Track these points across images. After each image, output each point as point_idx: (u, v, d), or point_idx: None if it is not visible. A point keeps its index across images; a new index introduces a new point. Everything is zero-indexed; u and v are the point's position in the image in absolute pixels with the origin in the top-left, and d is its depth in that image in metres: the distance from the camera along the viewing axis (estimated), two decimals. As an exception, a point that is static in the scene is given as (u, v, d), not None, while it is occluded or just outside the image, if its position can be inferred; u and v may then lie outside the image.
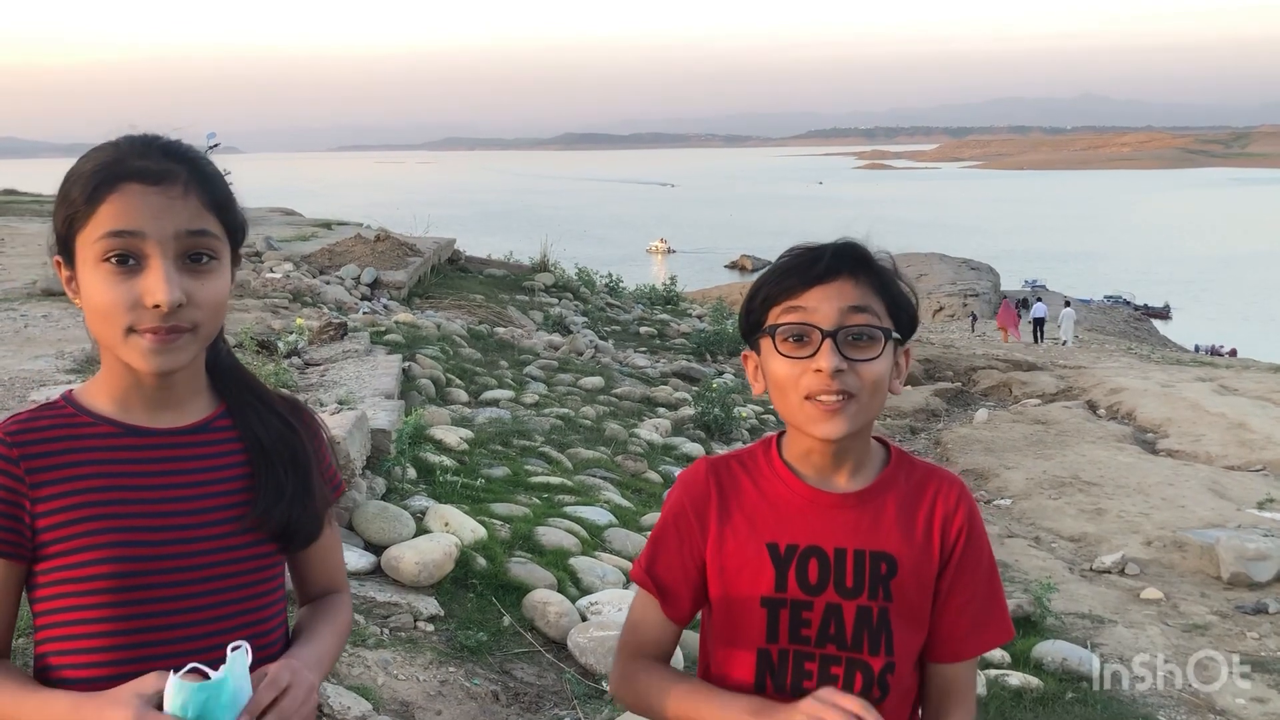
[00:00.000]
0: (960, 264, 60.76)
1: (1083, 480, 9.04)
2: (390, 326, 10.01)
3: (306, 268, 13.19)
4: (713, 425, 9.74)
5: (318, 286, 11.70)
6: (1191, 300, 66.68)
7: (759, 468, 1.50)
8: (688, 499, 1.51)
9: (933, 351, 19.14)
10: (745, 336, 1.50)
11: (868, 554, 1.44)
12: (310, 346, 8.46)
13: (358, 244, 14.57)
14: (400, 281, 13.37)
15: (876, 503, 1.46)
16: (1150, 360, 25.86)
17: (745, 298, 1.49)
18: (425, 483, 5.71)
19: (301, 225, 18.36)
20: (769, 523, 1.46)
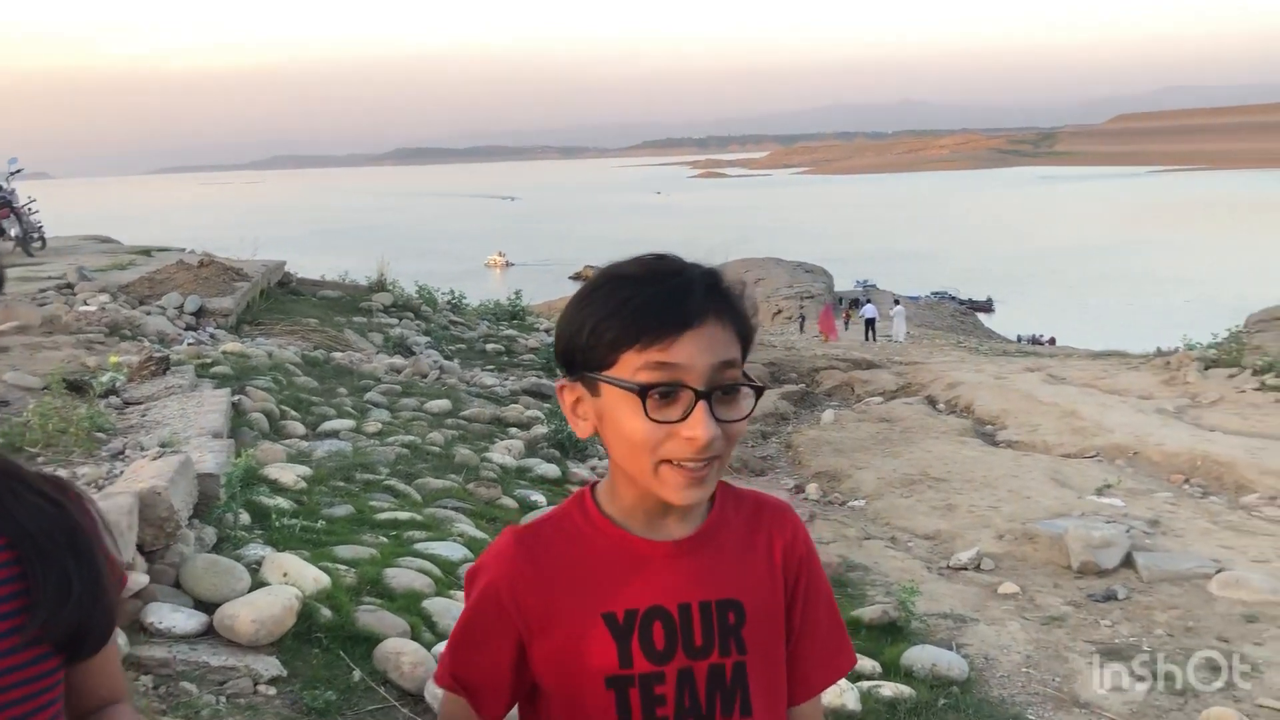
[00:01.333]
0: (795, 267, 62.59)
1: (931, 476, 9.20)
2: (217, 358, 9.39)
3: (124, 298, 12.32)
4: (567, 444, 9.49)
5: (137, 318, 10.93)
6: (1011, 293, 70.41)
7: (577, 528, 1.29)
8: (499, 580, 1.27)
9: (776, 354, 19.43)
10: (569, 368, 1.24)
11: (714, 604, 1.28)
12: (130, 384, 7.82)
13: (180, 270, 13.72)
14: (227, 309, 12.64)
15: (713, 544, 1.30)
16: (979, 353, 27.01)
17: (573, 325, 1.23)
18: (261, 528, 5.29)
19: (118, 253, 17.23)
20: (601, 590, 1.26)
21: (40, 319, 9.25)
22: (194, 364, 8.76)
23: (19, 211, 15.49)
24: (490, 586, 1.28)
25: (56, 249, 17.21)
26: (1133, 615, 5.96)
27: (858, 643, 5.34)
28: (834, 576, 6.66)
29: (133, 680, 3.70)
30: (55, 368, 7.71)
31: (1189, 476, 9.43)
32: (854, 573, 6.75)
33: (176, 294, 12.63)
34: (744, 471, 9.85)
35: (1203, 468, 9.51)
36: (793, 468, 10.18)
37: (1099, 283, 76.68)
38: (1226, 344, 15.96)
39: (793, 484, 9.37)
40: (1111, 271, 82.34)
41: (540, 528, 1.32)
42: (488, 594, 1.28)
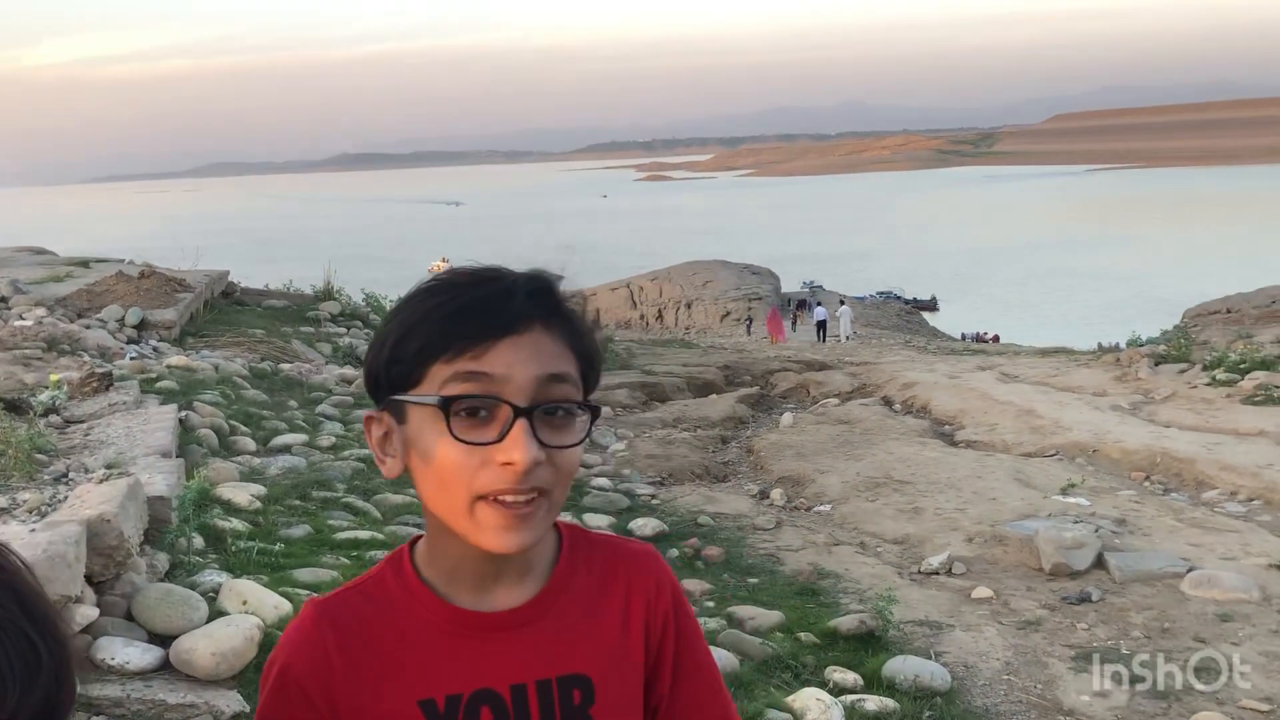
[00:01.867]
0: (742, 269, 62.68)
1: (895, 479, 9.13)
2: (162, 372, 9.08)
3: (62, 311, 11.93)
4: (525, 453, 9.33)
5: (76, 332, 10.57)
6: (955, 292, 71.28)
7: (390, 599, 1.08)
8: (298, 666, 1.06)
9: (729, 357, 19.38)
10: (374, 393, 1.07)
11: (554, 683, 1.08)
12: (71, 401, 7.50)
13: (120, 282, 13.33)
14: (170, 320, 12.29)
15: (555, 611, 1.11)
16: (928, 352, 27.20)
17: (377, 341, 1.07)
18: (216, 552, 5.06)
19: (55, 265, 16.71)
20: (418, 672, 1.06)
21: (-28, 335, 8.87)
22: (138, 379, 8.46)
23: None
24: (287, 675, 1.06)
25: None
26: (1108, 617, 5.91)
27: (836, 654, 5.23)
28: (806, 585, 6.55)
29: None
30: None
31: (1149, 474, 9.47)
32: (825, 580, 6.64)
33: (117, 306, 12.26)
34: (706, 478, 9.72)
35: (1163, 465, 9.56)
36: (755, 473, 10.07)
37: (1039, 280, 77.94)
38: (1175, 339, 16.17)
39: (757, 489, 9.25)
40: (1051, 268, 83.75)
41: (348, 598, 1.10)
42: (285, 684, 1.06)
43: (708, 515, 8.08)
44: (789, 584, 6.57)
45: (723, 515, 8.18)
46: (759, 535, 7.66)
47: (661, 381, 14.71)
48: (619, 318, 59.04)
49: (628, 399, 13.43)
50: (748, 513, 8.32)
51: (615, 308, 60.54)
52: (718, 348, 25.60)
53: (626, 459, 9.94)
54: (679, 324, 55.27)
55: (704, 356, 18.95)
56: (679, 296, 58.91)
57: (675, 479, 9.50)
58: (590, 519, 7.60)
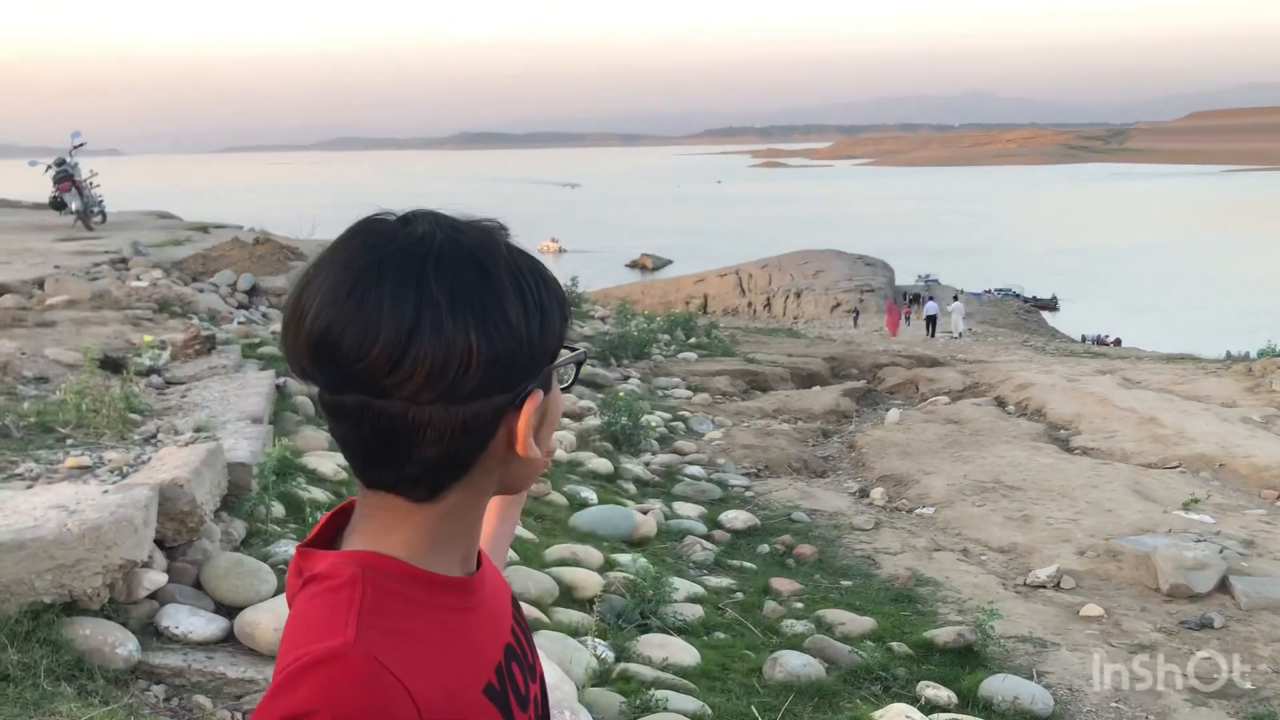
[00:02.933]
0: (856, 260, 61.61)
1: (1005, 484, 8.69)
2: (266, 338, 9.15)
3: (177, 274, 12.18)
4: (620, 436, 9.15)
5: (188, 295, 10.76)
6: (1077, 292, 68.75)
7: (408, 609, 0.89)
8: None
9: (836, 349, 18.90)
10: (524, 371, 0.88)
11: (516, 623, 1.05)
12: (174, 362, 7.60)
13: (235, 248, 13.58)
14: (280, 287, 12.45)
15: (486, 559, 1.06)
16: (1046, 352, 26.20)
17: (524, 319, 0.88)
18: (295, 522, 4.99)
19: (176, 229, 17.17)
20: (471, 663, 0.93)
21: (90, 294, 9.08)
22: (241, 344, 8.52)
23: (80, 185, 15.46)
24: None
25: (116, 224, 17.20)
26: (1232, 646, 5.45)
27: (930, 668, 4.92)
28: (902, 591, 6.23)
29: (143, 691, 3.41)
30: (90, 344, 7.51)
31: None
32: (924, 588, 6.31)
33: (230, 271, 12.48)
34: (803, 472, 9.42)
35: (1297, 484, 8.90)
36: (856, 470, 9.71)
37: (1167, 283, 74.65)
38: (1315, 350, 15.17)
39: (857, 487, 8.91)
40: (1181, 272, 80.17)
41: (383, 632, 0.86)
42: None
43: (803, 511, 7.79)
44: (884, 589, 6.26)
45: (819, 512, 7.89)
46: (855, 535, 7.35)
47: (764, 370, 14.39)
48: (726, 304, 58.62)
49: (727, 386, 13.16)
50: (845, 511, 8.00)
51: (723, 294, 60.14)
52: (825, 338, 25.09)
53: (722, 448, 9.69)
54: (787, 313, 54.60)
55: (810, 347, 18.52)
56: (789, 285, 58.18)
57: (771, 471, 9.22)
58: (680, 508, 7.39)
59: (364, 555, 0.89)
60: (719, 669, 4.61)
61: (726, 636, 5.09)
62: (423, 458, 0.86)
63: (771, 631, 5.23)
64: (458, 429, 0.85)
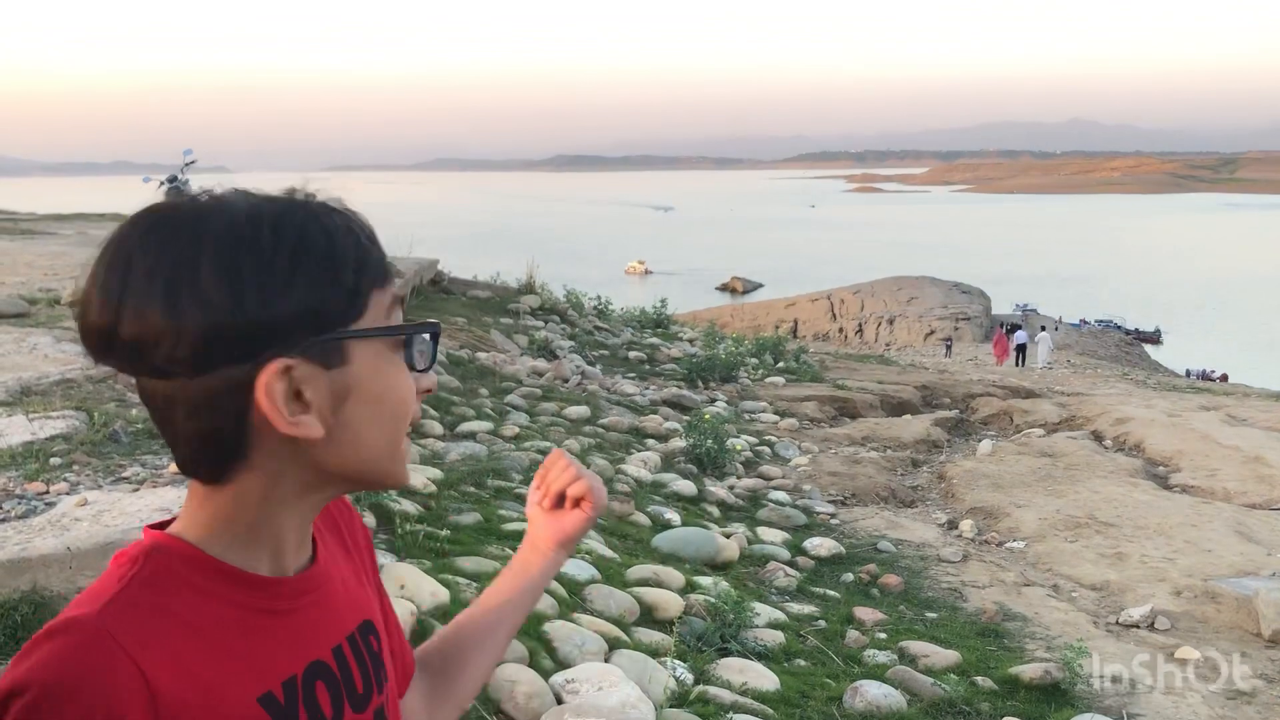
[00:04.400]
0: (951, 287, 60.60)
1: (1099, 520, 8.47)
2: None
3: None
4: (705, 459, 9.16)
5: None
6: (1182, 325, 66.57)
7: (183, 592, 0.85)
8: (89, 703, 0.77)
9: (929, 377, 18.63)
10: (268, 338, 0.83)
11: (357, 631, 0.99)
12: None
13: (335, 265, 14.02)
14: (378, 304, 12.81)
15: (331, 561, 1.01)
16: (1147, 386, 25.42)
17: (309, 271, 0.84)
18: (386, 533, 5.13)
19: (280, 245, 17.78)
20: (251, 667, 0.87)
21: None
22: (338, 358, 8.79)
23: None
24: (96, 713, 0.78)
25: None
26: (1337, 698, 5.24)
27: (1015, 705, 4.83)
28: (989, 625, 6.12)
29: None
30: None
31: (1397, 539, 8.44)
32: (1011, 623, 6.19)
33: (330, 288, 12.85)
34: (891, 502, 9.31)
35: None
36: (945, 501, 9.56)
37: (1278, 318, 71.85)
38: None
39: (945, 519, 8.78)
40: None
41: (130, 608, 0.82)
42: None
43: (889, 541, 7.70)
44: (970, 623, 6.16)
45: (905, 542, 7.79)
46: (942, 568, 7.24)
47: (853, 397, 14.26)
48: (817, 329, 58.19)
49: (815, 412, 13.07)
50: (933, 542, 7.89)
51: (814, 319, 59.71)
52: (918, 366, 24.74)
53: (808, 474, 9.64)
54: (879, 340, 53.98)
55: (902, 375, 18.29)
56: (881, 311, 57.53)
57: (858, 499, 9.13)
58: (764, 533, 7.38)
59: (161, 536, 0.89)
60: (798, 696, 4.60)
61: (807, 664, 5.07)
62: (188, 434, 0.84)
63: (853, 661, 5.19)
64: (200, 403, 0.82)
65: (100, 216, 23.62)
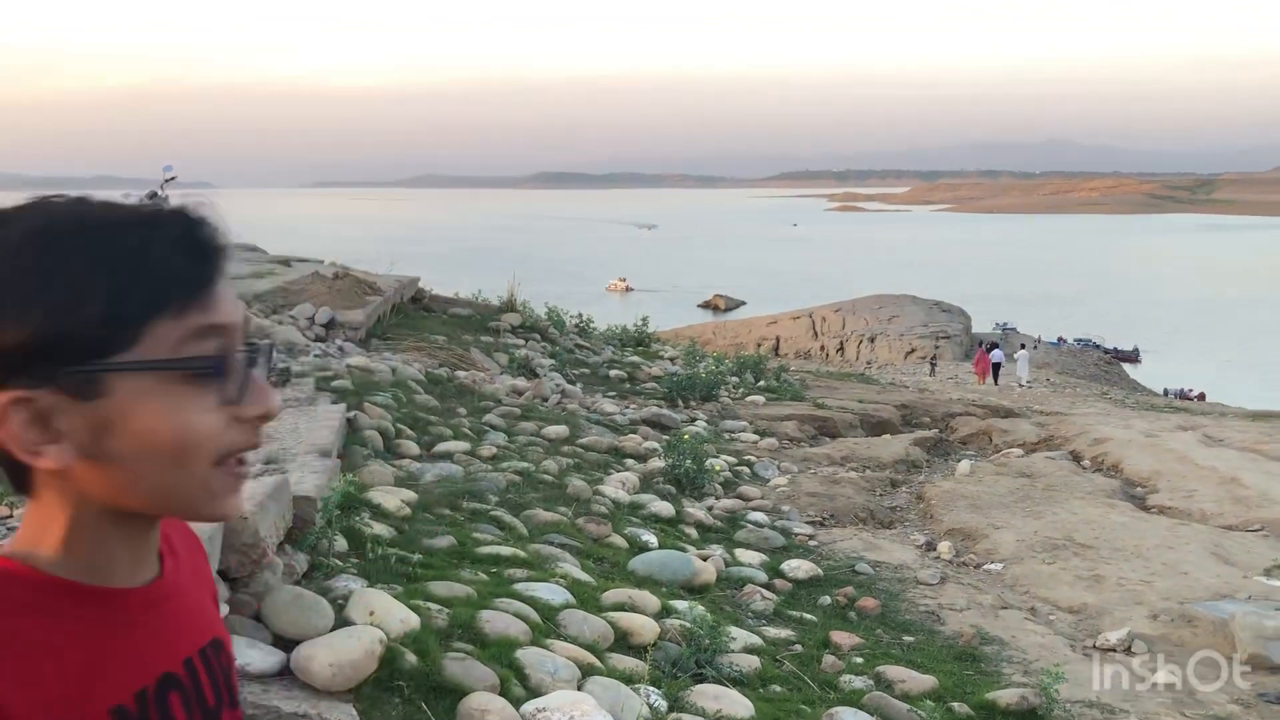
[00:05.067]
0: (932, 306, 60.93)
1: (1077, 542, 8.47)
2: (340, 371, 9.34)
3: (259, 307, 12.51)
4: (684, 479, 9.12)
5: (268, 327, 11.05)
6: (1160, 344, 67.08)
7: (24, 612, 0.84)
8: None
9: (909, 396, 18.64)
10: (27, 371, 0.81)
11: (209, 646, 0.99)
12: (248, 394, 7.80)
13: (315, 282, 13.90)
14: (358, 321, 12.72)
15: (181, 576, 0.99)
16: (1126, 405, 25.54)
17: (49, 300, 0.81)
18: (357, 556, 5.06)
19: (259, 262, 17.59)
20: (100, 678, 0.86)
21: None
22: (315, 376, 8.71)
23: None
24: None
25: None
26: (1313, 723, 5.23)
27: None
28: (966, 649, 6.09)
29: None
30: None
31: (1372, 561, 8.47)
32: (988, 646, 6.16)
33: (309, 305, 12.76)
34: (870, 523, 9.28)
35: (1389, 553, 8.53)
36: (923, 522, 9.54)
37: (1255, 338, 72.51)
38: None
39: (923, 540, 8.75)
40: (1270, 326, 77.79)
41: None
42: None
43: (867, 563, 7.68)
44: (947, 646, 6.13)
45: (883, 564, 7.76)
46: (920, 590, 7.21)
47: (833, 416, 14.26)
48: (799, 347, 58.34)
49: (795, 431, 13.06)
50: (911, 564, 7.86)
51: (796, 337, 59.87)
52: (898, 385, 24.78)
53: (787, 494, 9.61)
54: (860, 357, 54.13)
55: (882, 394, 18.31)
56: (862, 329, 57.75)
57: (837, 520, 9.11)
58: (741, 555, 7.34)
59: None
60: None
61: (783, 690, 5.02)
62: None
63: (829, 686, 5.15)
64: None
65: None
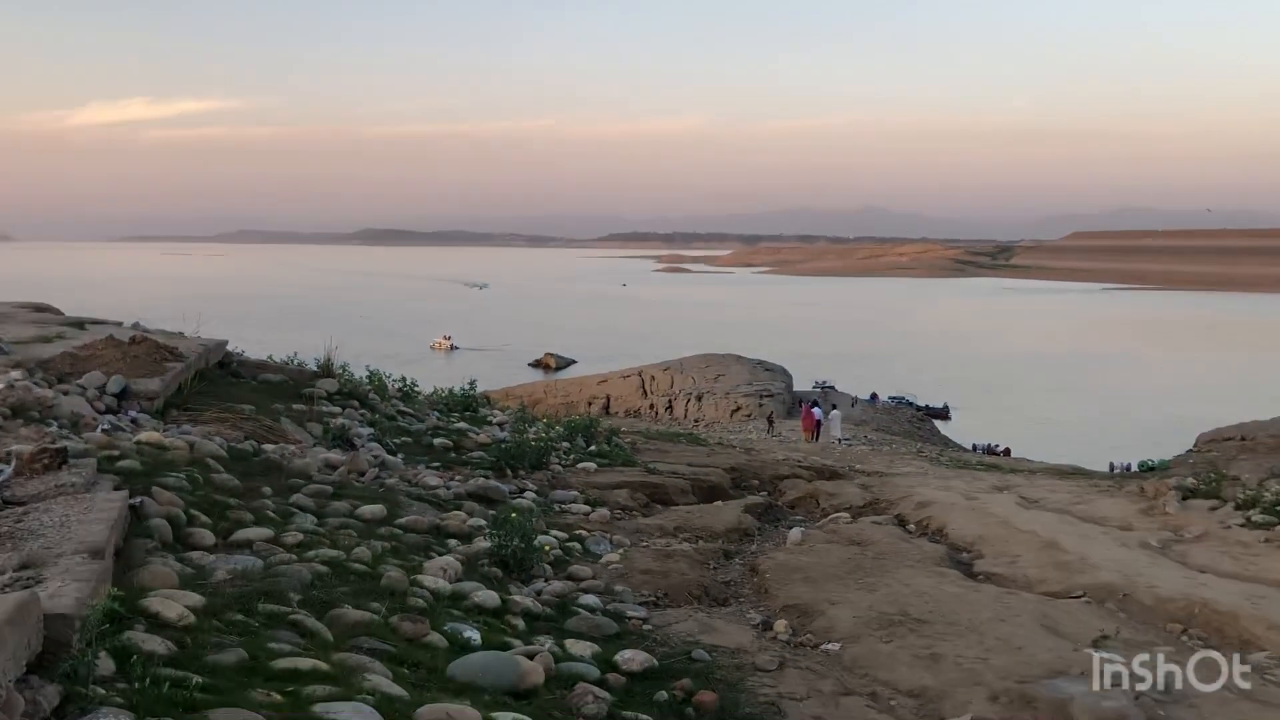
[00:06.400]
0: (756, 365, 62.34)
1: (912, 617, 8.34)
2: (128, 449, 8.42)
3: (42, 375, 11.35)
4: (511, 560, 8.58)
5: (49, 399, 9.94)
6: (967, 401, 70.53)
7: None
8: None
9: (737, 458, 18.61)
10: None
11: None
12: (17, 479, 6.84)
13: (108, 347, 12.76)
14: (154, 391, 11.69)
15: None
16: (940, 463, 26.43)
17: None
18: (126, 679, 4.33)
19: (49, 324, 16.14)
20: None
21: (-74, 399, 8.25)
22: (99, 456, 7.80)
23: None
24: None
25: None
26: (1157, 812, 5.10)
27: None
28: (809, 746, 5.76)
29: None
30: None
31: (1187, 626, 8.66)
32: (832, 741, 5.85)
33: (99, 373, 11.67)
34: (704, 600, 8.94)
35: (1201, 617, 8.74)
36: (758, 597, 9.27)
37: (1051, 394, 77.19)
38: (1203, 474, 15.36)
39: (759, 619, 8.46)
40: (1064, 383, 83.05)
41: None
42: None
43: (703, 648, 7.30)
44: (790, 743, 5.79)
45: (720, 649, 7.41)
46: (759, 678, 6.88)
47: (665, 482, 13.99)
48: (629, 405, 58.51)
49: (628, 500, 12.70)
50: (748, 647, 7.54)
51: (626, 395, 60.06)
52: (726, 445, 24.85)
53: (620, 572, 9.18)
54: (688, 415, 54.62)
55: (711, 456, 18.20)
56: (690, 388, 58.41)
57: (671, 599, 8.73)
58: (572, 646, 6.84)
59: None
60: None
61: (618, 810, 4.55)
62: None
63: (668, 802, 4.70)
64: None
65: None
